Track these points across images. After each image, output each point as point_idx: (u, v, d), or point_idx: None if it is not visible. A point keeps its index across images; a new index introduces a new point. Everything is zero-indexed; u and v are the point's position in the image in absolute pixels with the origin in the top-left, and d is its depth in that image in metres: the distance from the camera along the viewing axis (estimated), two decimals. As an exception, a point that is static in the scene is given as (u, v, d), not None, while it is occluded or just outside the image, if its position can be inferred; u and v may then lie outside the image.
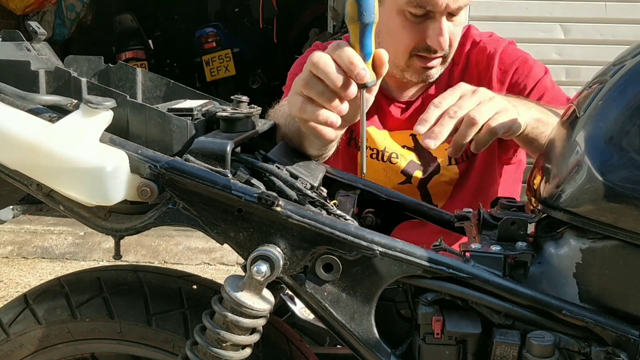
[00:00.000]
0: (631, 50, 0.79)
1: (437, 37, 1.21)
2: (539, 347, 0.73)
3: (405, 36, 1.24)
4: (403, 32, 1.24)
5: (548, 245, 0.81)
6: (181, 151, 0.79)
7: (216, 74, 5.78)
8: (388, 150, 1.38)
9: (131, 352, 0.96)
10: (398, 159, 1.37)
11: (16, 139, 0.74)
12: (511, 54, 1.35)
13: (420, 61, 1.27)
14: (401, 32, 1.24)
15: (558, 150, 0.81)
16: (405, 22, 1.23)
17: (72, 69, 0.92)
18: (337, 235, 0.76)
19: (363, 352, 0.80)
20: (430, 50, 1.24)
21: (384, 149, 1.37)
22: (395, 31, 1.25)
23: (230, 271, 3.32)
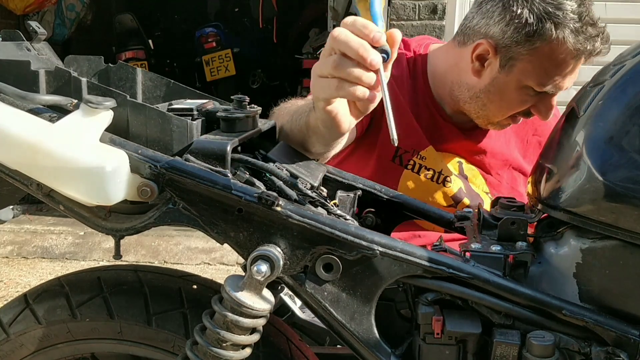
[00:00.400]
0: (631, 50, 0.79)
1: (547, 112, 1.24)
2: (539, 347, 0.73)
3: (515, 106, 1.26)
4: (515, 102, 1.26)
5: (548, 245, 0.81)
6: (181, 151, 0.79)
7: (216, 74, 5.77)
8: (444, 173, 1.36)
9: (131, 352, 0.96)
10: (451, 183, 1.36)
11: (16, 139, 0.74)
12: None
13: (512, 120, 1.30)
14: (514, 102, 1.26)
15: (558, 150, 0.81)
16: (524, 95, 1.24)
17: (72, 68, 0.92)
18: (337, 235, 0.76)
19: (363, 352, 0.80)
20: (529, 115, 1.27)
21: (440, 170, 1.36)
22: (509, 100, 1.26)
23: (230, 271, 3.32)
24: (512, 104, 1.26)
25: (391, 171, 1.36)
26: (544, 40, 1.16)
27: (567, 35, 1.14)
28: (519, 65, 1.21)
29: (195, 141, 0.78)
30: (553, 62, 1.17)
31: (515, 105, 1.26)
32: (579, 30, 1.14)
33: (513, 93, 1.24)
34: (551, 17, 1.14)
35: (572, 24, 1.14)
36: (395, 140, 0.79)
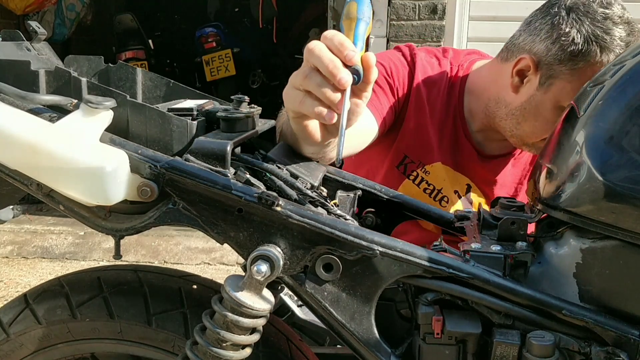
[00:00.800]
0: (631, 50, 0.79)
1: None
2: (539, 347, 0.73)
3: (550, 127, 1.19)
4: (550, 123, 1.21)
5: (548, 245, 0.81)
6: (181, 151, 0.79)
7: (216, 74, 5.78)
8: (444, 192, 1.35)
9: (131, 352, 0.96)
10: (448, 203, 1.35)
11: (16, 139, 0.74)
12: None
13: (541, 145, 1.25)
14: (549, 122, 1.22)
15: (558, 150, 0.81)
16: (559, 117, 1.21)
17: (72, 68, 0.92)
18: (337, 235, 0.76)
19: (363, 352, 0.80)
20: None
21: (440, 188, 1.35)
22: (545, 119, 1.23)
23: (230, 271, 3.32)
24: (546, 125, 1.22)
25: (394, 177, 1.36)
26: (587, 62, 1.15)
27: (611, 59, 1.12)
28: (557, 84, 1.19)
29: (195, 141, 0.78)
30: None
31: (549, 127, 1.21)
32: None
33: (548, 113, 1.21)
34: (599, 40, 1.13)
35: (618, 50, 1.13)
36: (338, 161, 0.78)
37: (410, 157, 1.35)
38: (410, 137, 1.35)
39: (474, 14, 3.56)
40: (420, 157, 1.35)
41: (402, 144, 1.35)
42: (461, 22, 3.58)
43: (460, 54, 1.42)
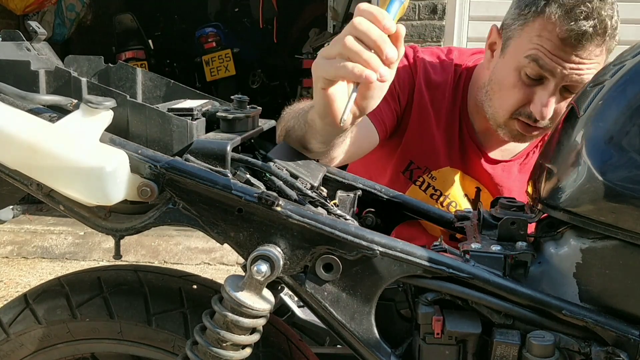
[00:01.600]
0: (631, 50, 0.79)
1: (541, 107, 1.17)
2: (539, 347, 0.73)
3: (512, 95, 1.20)
4: (512, 91, 1.20)
5: (548, 245, 0.81)
6: (181, 151, 0.79)
7: (216, 74, 5.78)
8: (450, 197, 1.34)
9: (131, 352, 0.96)
10: (455, 208, 1.34)
11: (16, 139, 0.74)
12: None
13: (519, 126, 1.23)
14: (510, 90, 1.20)
15: (558, 150, 0.81)
16: (518, 81, 1.19)
17: (72, 69, 0.92)
18: (337, 235, 0.76)
19: (363, 352, 0.80)
20: (531, 117, 1.20)
21: (447, 194, 1.34)
22: (506, 87, 1.21)
23: (230, 271, 3.32)
24: (509, 93, 1.21)
25: (400, 183, 1.35)
26: (535, 14, 1.15)
27: (554, 10, 1.12)
28: (512, 44, 1.19)
29: (195, 141, 0.78)
30: (543, 38, 1.14)
31: (512, 96, 1.21)
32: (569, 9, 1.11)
33: (509, 79, 1.20)
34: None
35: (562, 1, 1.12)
36: (343, 120, 0.79)
37: (416, 162, 1.34)
38: (415, 142, 1.34)
39: (474, 14, 3.56)
40: (427, 162, 1.34)
41: (406, 150, 1.35)
42: (461, 22, 3.58)
43: (466, 53, 1.41)
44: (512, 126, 1.24)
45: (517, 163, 1.37)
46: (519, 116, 1.22)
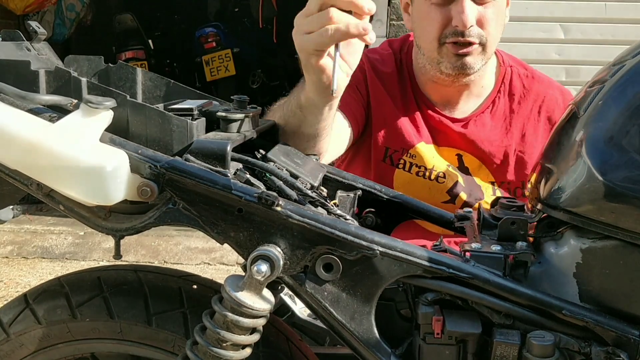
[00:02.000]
0: (631, 50, 0.79)
1: (460, 16, 1.21)
2: (539, 347, 0.73)
3: (431, 22, 1.25)
4: (429, 18, 1.25)
5: (548, 245, 0.81)
6: (181, 151, 0.79)
7: (216, 74, 5.77)
8: (436, 169, 1.35)
9: (131, 352, 0.96)
10: (445, 179, 1.35)
11: (16, 139, 0.74)
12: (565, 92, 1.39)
13: (452, 49, 1.25)
14: (428, 18, 1.25)
15: (558, 150, 0.81)
16: (430, 7, 1.24)
17: (72, 68, 0.92)
18: (337, 235, 0.76)
19: (363, 352, 0.80)
20: (457, 33, 1.23)
21: (432, 167, 1.35)
22: (423, 19, 1.26)
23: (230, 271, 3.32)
24: (428, 22, 1.25)
25: (385, 172, 1.37)
26: None
27: None
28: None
29: (195, 141, 0.78)
30: None
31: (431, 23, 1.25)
32: None
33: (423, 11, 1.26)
34: None
35: None
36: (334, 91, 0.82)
37: (391, 147, 1.37)
38: (384, 129, 1.37)
39: (474, 14, 3.56)
40: (401, 144, 1.36)
41: (378, 140, 1.38)
42: (461, 22, 3.57)
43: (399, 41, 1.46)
44: (447, 53, 1.27)
45: (487, 113, 1.38)
46: (447, 39, 1.25)
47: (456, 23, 1.22)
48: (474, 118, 1.37)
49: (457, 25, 1.22)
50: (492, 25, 1.26)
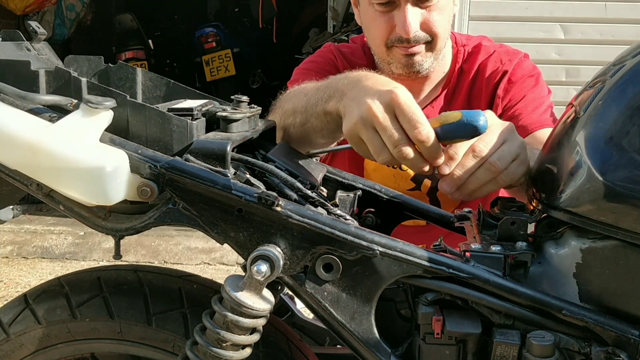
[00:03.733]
0: (631, 50, 0.79)
1: (402, 24, 1.21)
2: (539, 347, 0.73)
3: (377, 28, 1.26)
4: (375, 24, 1.26)
5: (548, 245, 0.81)
6: (181, 151, 0.79)
7: (216, 74, 5.78)
8: None
9: (131, 352, 0.96)
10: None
11: (16, 139, 0.74)
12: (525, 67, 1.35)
13: (401, 52, 1.27)
14: (373, 24, 1.26)
15: (558, 150, 0.81)
16: (375, 13, 1.25)
17: (72, 68, 0.92)
18: (337, 235, 0.76)
19: (363, 352, 0.80)
20: (402, 40, 1.24)
21: None
22: (369, 24, 1.28)
23: (230, 271, 3.32)
24: (376, 27, 1.26)
25: (357, 160, 1.39)
26: None
27: None
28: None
29: (195, 141, 0.78)
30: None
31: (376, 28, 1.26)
32: None
33: (369, 15, 1.26)
34: None
35: None
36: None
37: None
38: None
39: (474, 14, 3.56)
40: None
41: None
42: (461, 22, 3.58)
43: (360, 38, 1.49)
44: (396, 56, 1.28)
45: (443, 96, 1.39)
46: (394, 44, 1.26)
47: (399, 31, 1.23)
48: (432, 104, 1.38)
49: (399, 33, 1.23)
50: (438, 25, 1.26)
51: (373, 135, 0.81)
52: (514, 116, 1.28)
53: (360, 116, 0.82)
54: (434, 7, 1.23)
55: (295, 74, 1.44)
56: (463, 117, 0.80)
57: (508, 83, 1.33)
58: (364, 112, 0.82)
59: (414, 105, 0.80)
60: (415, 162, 0.83)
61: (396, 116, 0.80)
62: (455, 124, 0.80)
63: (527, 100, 1.30)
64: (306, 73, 1.37)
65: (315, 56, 1.47)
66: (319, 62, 1.42)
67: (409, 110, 0.79)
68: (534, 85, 1.32)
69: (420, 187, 1.38)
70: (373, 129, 0.81)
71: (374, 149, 0.82)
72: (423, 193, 1.38)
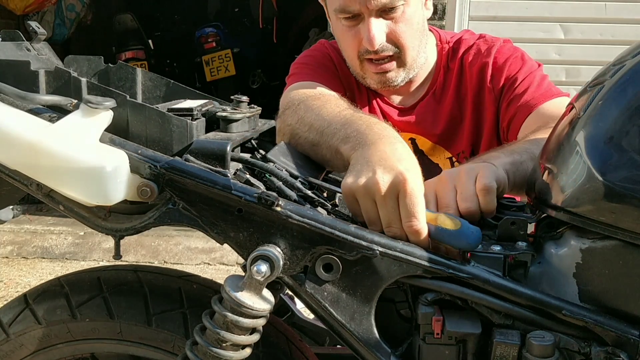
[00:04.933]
0: (631, 50, 0.79)
1: (367, 37, 1.21)
2: (539, 347, 0.73)
3: (346, 41, 1.26)
4: (344, 38, 1.27)
5: (548, 245, 0.81)
6: (181, 151, 0.79)
7: (216, 74, 5.77)
8: None
9: (131, 352, 0.96)
10: None
11: (16, 139, 0.74)
12: (506, 51, 1.34)
13: (371, 66, 1.27)
14: (343, 38, 1.27)
15: (558, 150, 0.81)
16: (343, 27, 1.25)
17: (72, 69, 0.92)
18: (337, 235, 0.76)
19: (363, 352, 0.80)
20: (369, 52, 1.24)
21: None
22: (340, 37, 1.28)
23: (230, 271, 3.32)
24: (346, 41, 1.27)
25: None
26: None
27: None
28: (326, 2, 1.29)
29: (195, 141, 0.78)
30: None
31: (346, 41, 1.26)
32: None
33: (338, 28, 1.27)
34: None
35: None
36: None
37: None
38: None
39: (474, 14, 3.56)
40: None
41: None
42: (461, 22, 3.58)
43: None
44: (368, 70, 1.28)
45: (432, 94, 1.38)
46: (364, 56, 1.26)
47: (365, 44, 1.23)
48: (421, 102, 1.38)
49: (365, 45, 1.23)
50: (405, 36, 1.26)
51: (371, 205, 0.81)
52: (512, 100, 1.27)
53: (365, 183, 0.81)
54: (399, 19, 1.23)
55: (293, 68, 1.43)
56: (461, 228, 0.79)
57: (494, 71, 1.32)
58: (370, 181, 0.81)
59: (419, 195, 0.80)
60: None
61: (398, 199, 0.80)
62: (450, 233, 0.79)
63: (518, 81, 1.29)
64: (303, 67, 1.37)
65: (312, 50, 1.47)
66: (316, 57, 1.41)
67: (411, 202, 0.78)
68: (520, 65, 1.31)
69: None
70: (372, 200, 0.81)
71: (367, 217, 0.82)
72: None
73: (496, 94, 1.31)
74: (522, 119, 1.22)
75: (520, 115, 1.23)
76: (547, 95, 1.24)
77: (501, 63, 1.32)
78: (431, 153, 1.38)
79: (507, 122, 1.28)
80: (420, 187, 0.81)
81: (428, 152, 1.38)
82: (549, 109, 1.19)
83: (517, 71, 1.30)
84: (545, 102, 1.21)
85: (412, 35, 1.27)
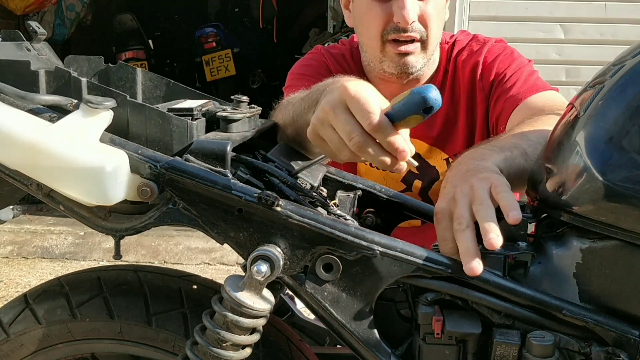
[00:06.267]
0: (631, 50, 0.79)
1: (401, 12, 1.20)
2: (539, 347, 0.73)
3: (373, 19, 1.24)
4: (370, 15, 1.24)
5: (548, 245, 0.81)
6: (181, 151, 0.79)
7: (216, 74, 5.77)
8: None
9: (131, 352, 0.96)
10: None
11: (16, 139, 0.74)
12: (496, 50, 1.35)
13: (393, 47, 1.25)
14: (369, 15, 1.25)
15: (558, 150, 0.81)
16: (372, 3, 1.24)
17: (72, 69, 0.92)
18: (337, 235, 0.76)
19: (363, 352, 0.80)
20: (399, 29, 1.22)
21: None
22: (365, 16, 1.26)
23: (230, 271, 3.32)
24: (369, 20, 1.25)
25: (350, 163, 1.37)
26: None
27: None
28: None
29: (195, 141, 0.78)
30: None
31: (372, 19, 1.25)
32: None
33: (364, 7, 1.25)
34: None
35: None
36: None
37: None
38: None
39: (474, 14, 3.56)
40: None
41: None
42: (461, 22, 3.58)
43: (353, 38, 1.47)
44: (389, 52, 1.26)
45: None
46: (389, 35, 1.24)
47: (397, 19, 1.21)
48: None
49: (398, 22, 1.22)
50: (433, 21, 1.25)
51: (332, 133, 0.79)
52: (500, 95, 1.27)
53: (317, 116, 0.81)
54: (431, 1, 1.24)
55: (289, 79, 1.43)
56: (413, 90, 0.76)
57: (484, 70, 1.32)
58: (319, 111, 0.80)
59: (364, 95, 0.77)
60: (377, 155, 0.78)
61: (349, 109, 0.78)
62: (404, 100, 0.75)
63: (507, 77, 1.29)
64: (300, 78, 1.37)
65: (308, 59, 1.46)
66: (312, 66, 1.41)
67: (358, 101, 0.76)
68: (509, 61, 1.31)
69: (411, 188, 1.38)
70: (330, 127, 0.79)
71: (334, 146, 0.79)
72: (415, 194, 1.37)
73: (486, 92, 1.31)
74: (509, 113, 1.22)
75: (507, 109, 1.23)
76: (534, 89, 1.24)
77: (490, 61, 1.32)
78: (428, 156, 1.38)
79: (496, 118, 1.28)
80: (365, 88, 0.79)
81: (425, 155, 1.38)
82: (535, 102, 1.18)
83: (505, 68, 1.30)
84: (532, 95, 1.21)
85: (437, 23, 1.27)
